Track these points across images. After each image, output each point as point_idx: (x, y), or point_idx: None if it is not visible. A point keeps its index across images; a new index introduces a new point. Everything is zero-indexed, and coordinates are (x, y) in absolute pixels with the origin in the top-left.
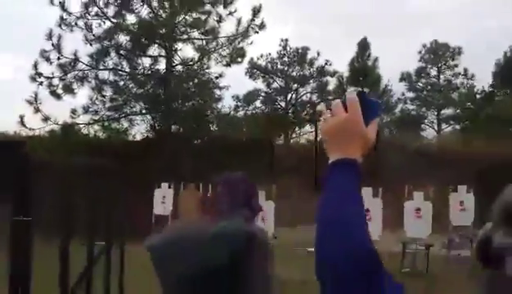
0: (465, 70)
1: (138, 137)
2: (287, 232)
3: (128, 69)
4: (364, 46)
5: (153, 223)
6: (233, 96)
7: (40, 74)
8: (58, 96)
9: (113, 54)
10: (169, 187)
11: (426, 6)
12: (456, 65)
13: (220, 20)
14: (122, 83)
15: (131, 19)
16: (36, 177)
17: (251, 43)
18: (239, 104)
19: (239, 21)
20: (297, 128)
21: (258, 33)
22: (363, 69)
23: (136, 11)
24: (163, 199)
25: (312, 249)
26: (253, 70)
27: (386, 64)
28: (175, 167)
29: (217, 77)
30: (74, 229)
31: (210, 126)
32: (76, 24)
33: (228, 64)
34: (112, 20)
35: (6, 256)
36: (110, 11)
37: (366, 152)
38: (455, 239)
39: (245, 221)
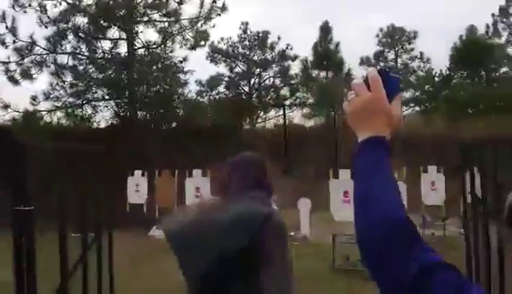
0: (421, 54)
1: (102, 124)
2: None
3: (87, 53)
4: (326, 30)
5: (128, 211)
6: (196, 81)
7: None
8: (16, 82)
9: (71, 37)
10: (142, 175)
11: None
12: (412, 49)
13: (181, 1)
14: (82, 68)
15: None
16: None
17: (213, 26)
18: (202, 89)
19: (202, 3)
20: (262, 113)
21: (220, 15)
22: (326, 53)
23: None
24: (136, 187)
25: None
26: (215, 54)
27: (345, 48)
28: (144, 154)
29: (181, 62)
30: (69, 217)
31: (177, 112)
32: (30, 4)
33: (193, 48)
34: (68, 0)
35: (8, 245)
36: None
37: (393, 128)
38: (427, 218)
39: (262, 203)
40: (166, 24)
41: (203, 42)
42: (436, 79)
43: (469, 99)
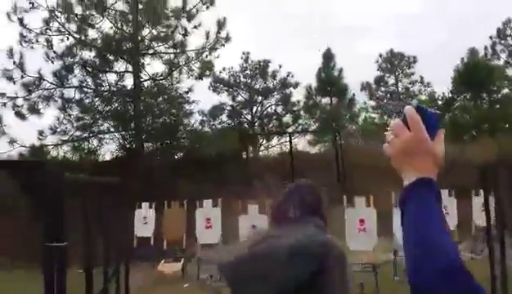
0: (421, 78)
1: (108, 157)
2: None
3: (93, 87)
4: (329, 56)
5: (135, 245)
6: (198, 111)
7: (3, 94)
8: (23, 117)
9: (77, 71)
10: (150, 207)
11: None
12: (413, 73)
13: (186, 33)
14: (88, 101)
15: (93, 34)
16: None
17: (218, 57)
18: (205, 118)
19: (207, 34)
20: (264, 141)
21: (224, 45)
22: (330, 80)
23: (97, 26)
24: (144, 220)
25: None
26: (217, 84)
27: (347, 74)
28: (152, 186)
29: (186, 92)
30: (95, 252)
31: (183, 143)
32: (37, 40)
33: (200, 78)
34: (74, 35)
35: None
36: (72, 26)
37: (439, 167)
38: None
39: (321, 231)
40: (172, 55)
41: (208, 72)
42: (439, 102)
43: (472, 121)
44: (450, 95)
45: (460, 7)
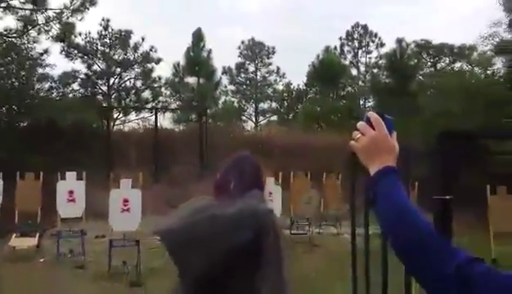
0: (278, 68)
1: None
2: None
3: None
4: (198, 36)
5: None
6: (47, 77)
7: None
8: None
9: None
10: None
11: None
12: (271, 63)
13: None
14: None
15: None
16: None
17: (81, 19)
18: (53, 85)
19: None
20: (121, 115)
21: (88, 9)
22: (198, 60)
23: None
24: None
25: None
26: (71, 49)
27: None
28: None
29: (41, 54)
30: None
31: (35, 109)
32: None
33: (62, 40)
34: None
35: None
36: None
37: (395, 159)
38: (296, 220)
39: (260, 202)
40: (28, 12)
41: (68, 35)
42: (294, 93)
43: (321, 112)
44: (304, 87)
45: (318, 7)
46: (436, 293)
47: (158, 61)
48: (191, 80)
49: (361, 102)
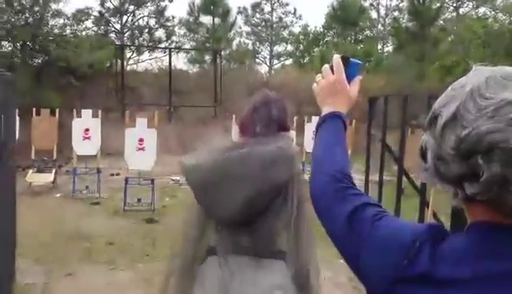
0: (295, 10)
1: None
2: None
3: None
4: None
5: None
6: (59, 14)
7: None
8: None
9: None
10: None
11: None
12: (288, 4)
13: None
14: None
15: None
16: None
17: None
18: (67, 22)
19: None
20: (134, 54)
21: None
22: None
23: None
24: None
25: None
26: None
27: None
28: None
29: None
30: None
31: (49, 47)
32: None
33: None
34: None
35: None
36: None
37: (350, 106)
38: None
39: (289, 143)
40: None
41: None
42: (311, 35)
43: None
44: (321, 29)
45: None
46: (333, 239)
47: None
48: (206, 20)
49: (380, 47)
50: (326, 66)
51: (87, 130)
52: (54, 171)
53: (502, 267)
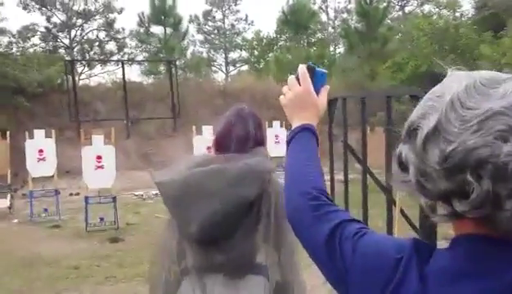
0: (246, 16)
1: None
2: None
3: None
4: None
5: None
6: (4, 31)
7: None
8: None
9: None
10: None
11: None
12: (239, 11)
13: None
14: None
15: None
16: None
17: None
18: (13, 40)
19: None
20: (85, 68)
21: None
22: (164, 8)
23: None
24: None
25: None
26: (28, 1)
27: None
28: None
29: None
30: None
31: None
32: None
33: None
34: None
35: None
36: None
37: (319, 116)
38: None
39: (264, 159)
40: None
41: None
42: (264, 41)
43: (293, 60)
44: (274, 34)
45: None
46: (314, 259)
47: (120, 11)
48: (157, 30)
49: (332, 48)
50: (292, 77)
51: (41, 151)
52: (9, 195)
53: (502, 283)
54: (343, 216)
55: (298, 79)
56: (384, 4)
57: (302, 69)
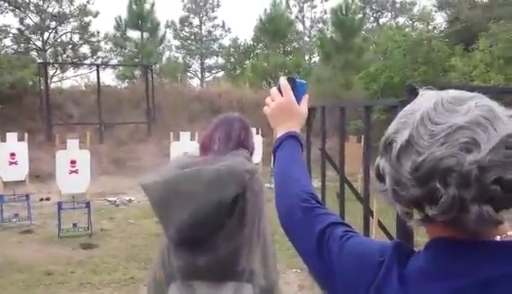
0: (223, 23)
1: None
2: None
3: None
4: None
5: None
6: None
7: None
8: None
9: None
10: None
11: None
12: (216, 17)
13: None
14: None
15: None
16: None
17: None
18: None
19: None
20: (58, 71)
21: None
22: (141, 13)
23: None
24: None
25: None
26: (0, 2)
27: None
28: None
29: None
30: None
31: None
32: None
33: None
34: None
35: None
36: None
37: (302, 124)
38: None
39: (247, 160)
40: None
41: None
42: (240, 48)
43: (270, 68)
44: (251, 42)
45: None
46: (304, 260)
47: (96, 14)
48: (134, 34)
49: (307, 58)
50: (274, 89)
51: (12, 154)
52: None
53: (470, 281)
54: (332, 218)
55: (280, 90)
56: (360, 15)
57: (283, 80)
